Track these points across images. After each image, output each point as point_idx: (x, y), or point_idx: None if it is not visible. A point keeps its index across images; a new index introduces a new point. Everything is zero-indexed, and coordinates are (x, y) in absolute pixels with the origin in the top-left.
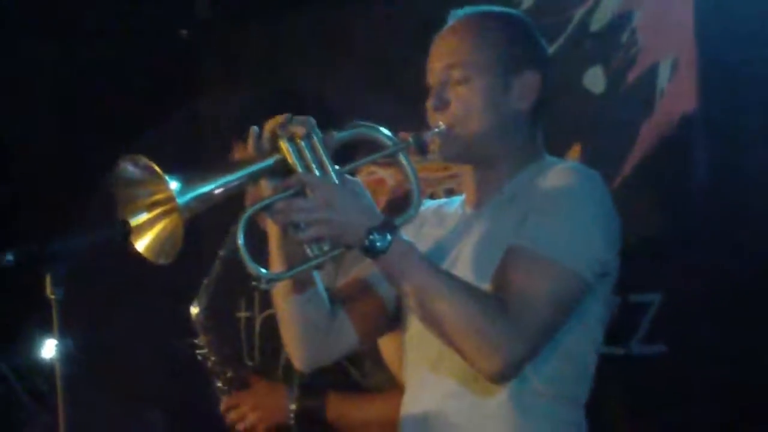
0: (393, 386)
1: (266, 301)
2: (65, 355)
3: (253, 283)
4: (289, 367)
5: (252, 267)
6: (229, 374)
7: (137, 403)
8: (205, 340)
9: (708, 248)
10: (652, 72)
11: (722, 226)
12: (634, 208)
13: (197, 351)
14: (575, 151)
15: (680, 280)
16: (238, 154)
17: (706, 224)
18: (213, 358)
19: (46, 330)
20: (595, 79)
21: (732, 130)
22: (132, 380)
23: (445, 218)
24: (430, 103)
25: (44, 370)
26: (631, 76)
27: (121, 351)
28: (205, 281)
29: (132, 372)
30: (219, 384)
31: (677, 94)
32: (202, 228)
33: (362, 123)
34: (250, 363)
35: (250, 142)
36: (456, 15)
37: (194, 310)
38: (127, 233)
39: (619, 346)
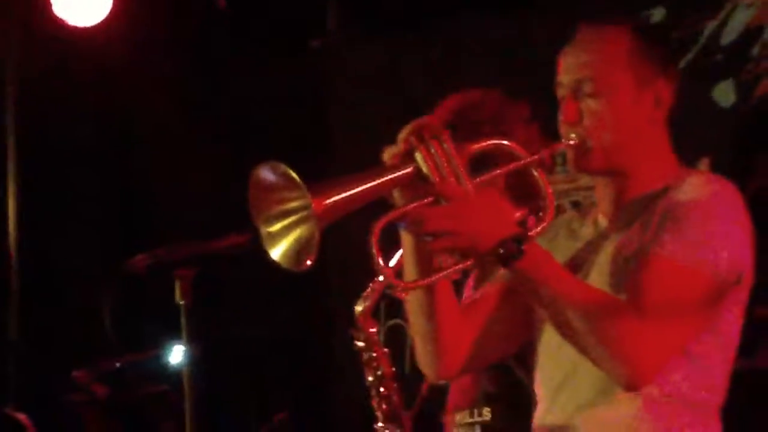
0: None
1: (392, 311)
2: (193, 361)
3: (387, 291)
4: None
5: (387, 275)
6: (380, 371)
7: (264, 410)
8: (365, 337)
9: None
10: None
11: None
12: (759, 222)
13: (357, 346)
14: (704, 164)
15: None
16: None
17: None
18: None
19: (175, 335)
20: (724, 93)
21: None
22: (259, 386)
23: (579, 231)
24: (561, 116)
25: (172, 375)
26: (761, 90)
27: (249, 357)
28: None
29: (260, 378)
30: (369, 378)
31: None
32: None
33: (495, 136)
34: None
35: (386, 150)
36: (585, 27)
37: (359, 307)
38: (258, 240)
39: (744, 358)
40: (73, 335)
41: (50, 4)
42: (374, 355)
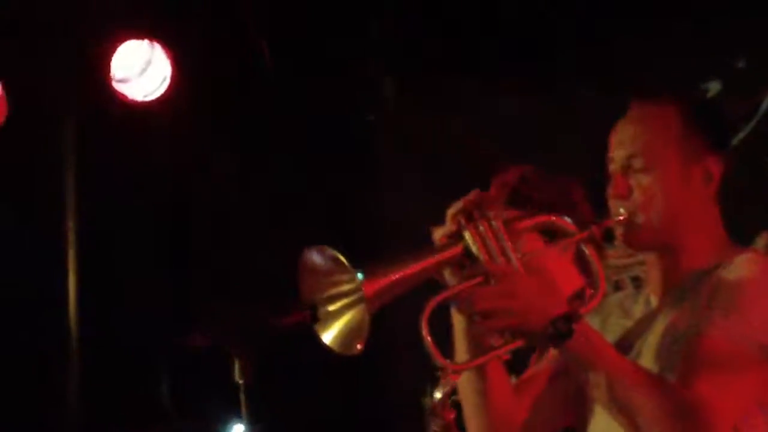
0: None
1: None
2: None
3: (438, 373)
4: None
5: (437, 357)
6: None
7: None
8: (443, 424)
9: None
10: None
11: None
12: None
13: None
14: (764, 239)
15: None
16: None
17: None
18: None
19: (235, 414)
20: None
21: None
22: None
23: (631, 309)
24: (611, 191)
25: None
26: None
27: None
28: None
29: None
30: None
31: None
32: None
33: (544, 212)
34: None
35: (435, 230)
36: (638, 102)
37: (438, 395)
38: (315, 319)
39: None
40: (132, 414)
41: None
42: None
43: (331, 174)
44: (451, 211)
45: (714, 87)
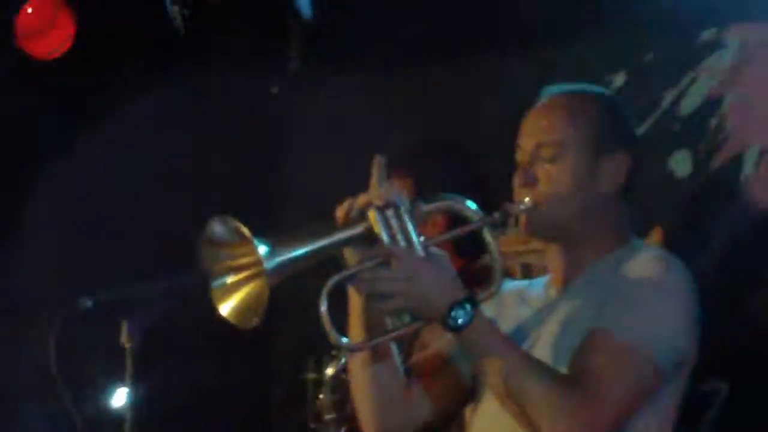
0: None
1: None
2: (136, 404)
3: (333, 352)
4: None
5: (334, 336)
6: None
7: None
8: (332, 399)
9: None
10: (738, 159)
11: None
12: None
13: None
14: (657, 233)
15: (749, 370)
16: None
17: None
18: (332, 416)
19: (119, 378)
20: (681, 163)
21: None
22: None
23: (528, 299)
24: (517, 179)
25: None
26: (717, 162)
27: (193, 403)
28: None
29: (203, 425)
30: None
31: (762, 184)
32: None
33: (449, 195)
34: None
35: (339, 208)
36: (548, 93)
37: (330, 370)
38: (206, 288)
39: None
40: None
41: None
42: (342, 414)
43: (235, 145)
44: (359, 201)
45: (619, 78)
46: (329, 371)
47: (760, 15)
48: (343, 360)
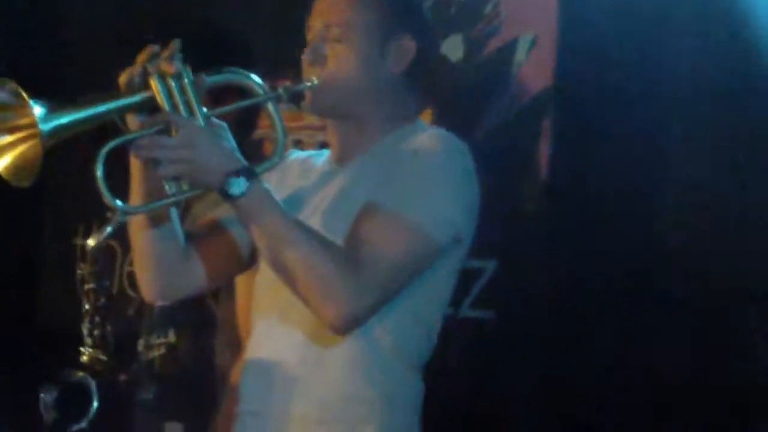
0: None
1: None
2: None
3: (108, 214)
4: None
5: (108, 198)
6: (101, 301)
7: None
8: (90, 268)
9: (550, 222)
10: (511, 46)
11: (566, 202)
12: (479, 176)
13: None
14: (427, 115)
15: (516, 250)
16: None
17: (550, 198)
18: (91, 286)
19: None
20: (454, 47)
21: (585, 112)
22: None
23: (310, 170)
24: (305, 57)
25: None
26: (490, 48)
27: None
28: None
29: None
30: (86, 306)
31: (533, 71)
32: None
33: (234, 69)
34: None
35: (122, 74)
36: None
37: (92, 241)
38: None
39: (450, 307)
40: None
41: None
42: (102, 285)
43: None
44: (140, 58)
45: None
46: (90, 241)
47: None
48: (109, 229)
